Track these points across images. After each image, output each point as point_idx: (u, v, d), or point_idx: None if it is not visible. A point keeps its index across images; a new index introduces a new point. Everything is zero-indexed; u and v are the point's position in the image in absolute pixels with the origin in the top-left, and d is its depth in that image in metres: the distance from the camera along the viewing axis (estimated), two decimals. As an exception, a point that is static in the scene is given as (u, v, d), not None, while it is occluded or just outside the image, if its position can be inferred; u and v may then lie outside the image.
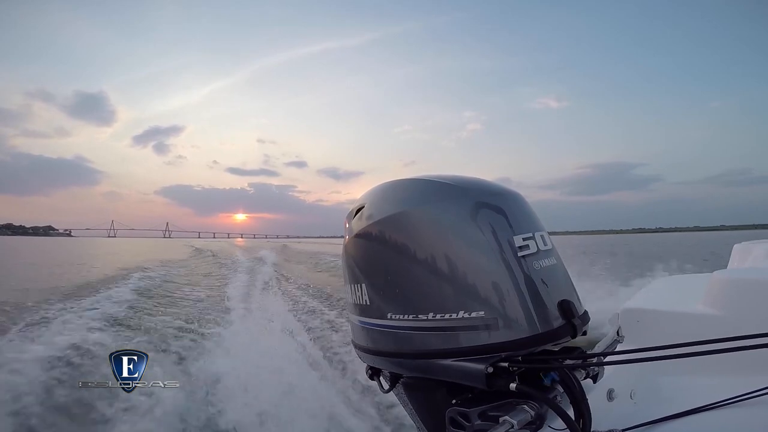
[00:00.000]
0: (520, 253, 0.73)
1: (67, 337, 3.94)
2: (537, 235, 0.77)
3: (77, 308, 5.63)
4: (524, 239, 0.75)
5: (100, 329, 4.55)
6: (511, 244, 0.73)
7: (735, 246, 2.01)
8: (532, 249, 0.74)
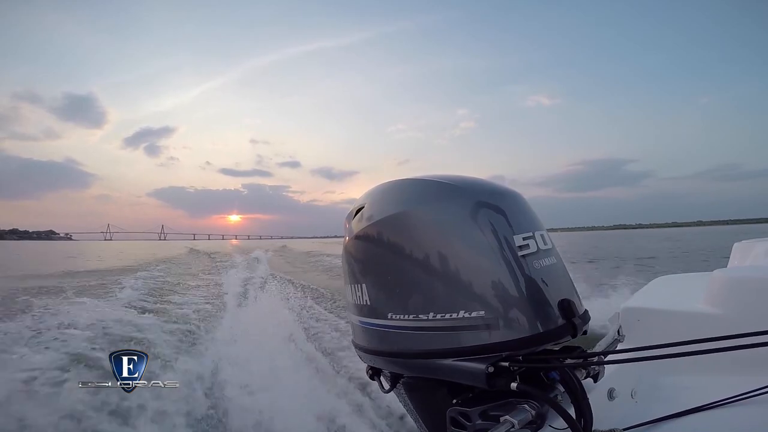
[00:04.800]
0: (520, 253, 0.73)
1: (66, 337, 3.93)
2: (537, 234, 0.77)
3: (76, 307, 5.62)
4: (524, 238, 0.75)
5: (100, 328, 4.54)
6: (512, 243, 0.73)
7: (735, 244, 2.00)
8: (533, 248, 0.74)
